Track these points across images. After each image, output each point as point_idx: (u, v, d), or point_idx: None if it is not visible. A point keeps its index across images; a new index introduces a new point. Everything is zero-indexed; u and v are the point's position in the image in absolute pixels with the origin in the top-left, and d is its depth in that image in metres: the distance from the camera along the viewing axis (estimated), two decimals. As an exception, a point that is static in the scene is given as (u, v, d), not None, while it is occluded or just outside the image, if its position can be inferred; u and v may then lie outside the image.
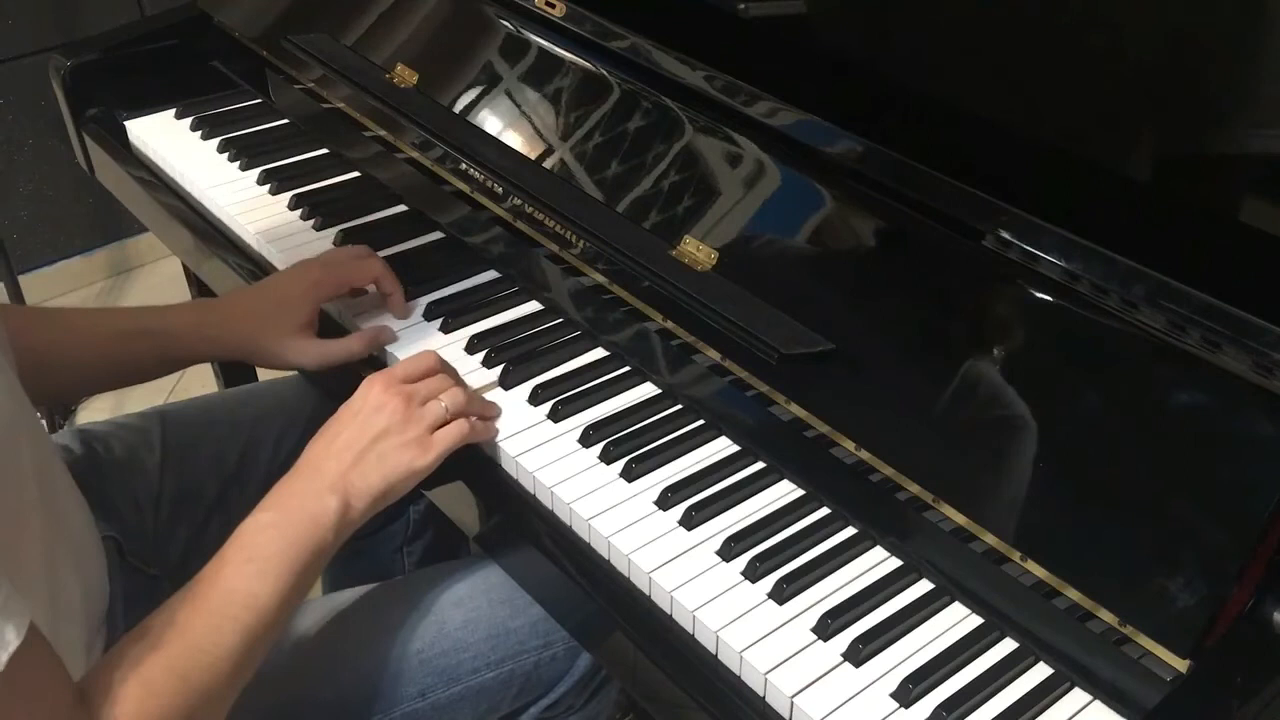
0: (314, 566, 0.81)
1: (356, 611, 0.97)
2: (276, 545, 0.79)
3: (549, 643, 0.98)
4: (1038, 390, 0.79)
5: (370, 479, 0.84)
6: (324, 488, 0.83)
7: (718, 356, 0.94)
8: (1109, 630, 0.73)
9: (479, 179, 1.11)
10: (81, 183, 1.53)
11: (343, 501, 0.82)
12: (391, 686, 0.93)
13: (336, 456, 0.85)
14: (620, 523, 0.86)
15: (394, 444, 0.86)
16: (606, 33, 1.08)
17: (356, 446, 0.85)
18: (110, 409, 2.18)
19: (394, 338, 1.04)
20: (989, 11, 0.90)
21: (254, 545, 0.79)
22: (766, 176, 0.96)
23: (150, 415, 1.11)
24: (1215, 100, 0.80)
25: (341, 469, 0.84)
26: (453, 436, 0.88)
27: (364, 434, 0.86)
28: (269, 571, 0.78)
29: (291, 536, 0.80)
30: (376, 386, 0.88)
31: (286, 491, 0.83)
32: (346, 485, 0.83)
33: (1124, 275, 0.78)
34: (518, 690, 0.98)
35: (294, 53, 1.27)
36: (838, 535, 0.86)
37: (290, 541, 0.79)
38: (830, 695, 0.75)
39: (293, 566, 0.79)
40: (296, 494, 0.83)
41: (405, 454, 0.86)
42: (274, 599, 0.77)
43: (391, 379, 0.89)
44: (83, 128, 1.38)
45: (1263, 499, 0.69)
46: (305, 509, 0.81)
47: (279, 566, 0.78)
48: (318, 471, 0.84)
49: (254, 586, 0.77)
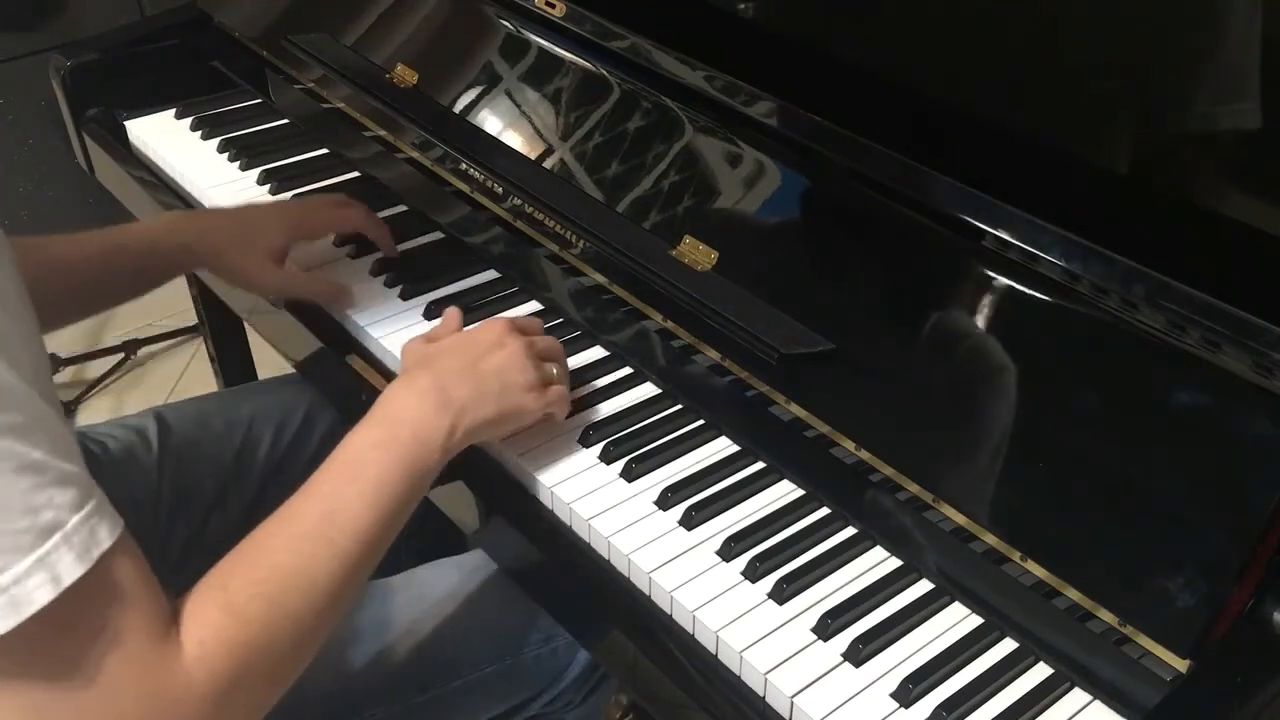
0: (417, 490, 0.78)
1: (357, 606, 0.97)
2: (382, 466, 0.76)
3: (549, 637, 0.98)
4: (1037, 390, 0.79)
5: (485, 408, 0.82)
6: (436, 406, 0.80)
7: (718, 356, 0.94)
8: (1109, 630, 0.73)
9: (479, 179, 1.11)
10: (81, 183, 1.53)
11: (453, 421, 0.80)
12: (392, 681, 0.93)
13: (454, 376, 0.82)
14: (620, 523, 0.86)
15: (515, 380, 0.85)
16: (606, 33, 1.08)
17: (477, 370, 0.83)
18: (109, 409, 2.19)
19: (352, 301, 1.06)
20: (989, 11, 0.90)
21: (359, 464, 0.76)
22: (766, 176, 0.96)
23: (148, 415, 1.11)
24: (1216, 100, 0.80)
25: (457, 390, 0.81)
26: (557, 397, 0.88)
27: (486, 363, 0.84)
28: (370, 493, 0.75)
29: (397, 456, 0.77)
30: (498, 325, 0.88)
31: (396, 406, 0.80)
32: (461, 406, 0.81)
33: (1124, 275, 0.78)
34: (517, 685, 0.98)
35: (294, 53, 1.27)
36: (838, 535, 0.86)
37: (396, 461, 0.77)
38: (830, 695, 0.75)
39: (396, 489, 0.76)
40: (406, 410, 0.80)
41: (523, 394, 0.85)
42: (375, 523, 0.74)
43: (512, 324, 0.88)
44: (83, 128, 1.38)
45: (1263, 499, 0.69)
46: (414, 427, 0.79)
47: (382, 489, 0.75)
48: (431, 388, 0.81)
49: (355, 509, 0.74)
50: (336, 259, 1.14)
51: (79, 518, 0.60)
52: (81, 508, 0.60)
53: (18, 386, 0.58)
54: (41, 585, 0.57)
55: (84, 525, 0.60)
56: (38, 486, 0.58)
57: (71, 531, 0.59)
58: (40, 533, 0.58)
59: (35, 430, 0.59)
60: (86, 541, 0.60)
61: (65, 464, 0.60)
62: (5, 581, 0.56)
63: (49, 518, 0.58)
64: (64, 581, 0.58)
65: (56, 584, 0.58)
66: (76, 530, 0.59)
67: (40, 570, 0.58)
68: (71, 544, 0.59)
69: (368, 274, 1.11)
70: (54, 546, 0.58)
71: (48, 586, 0.58)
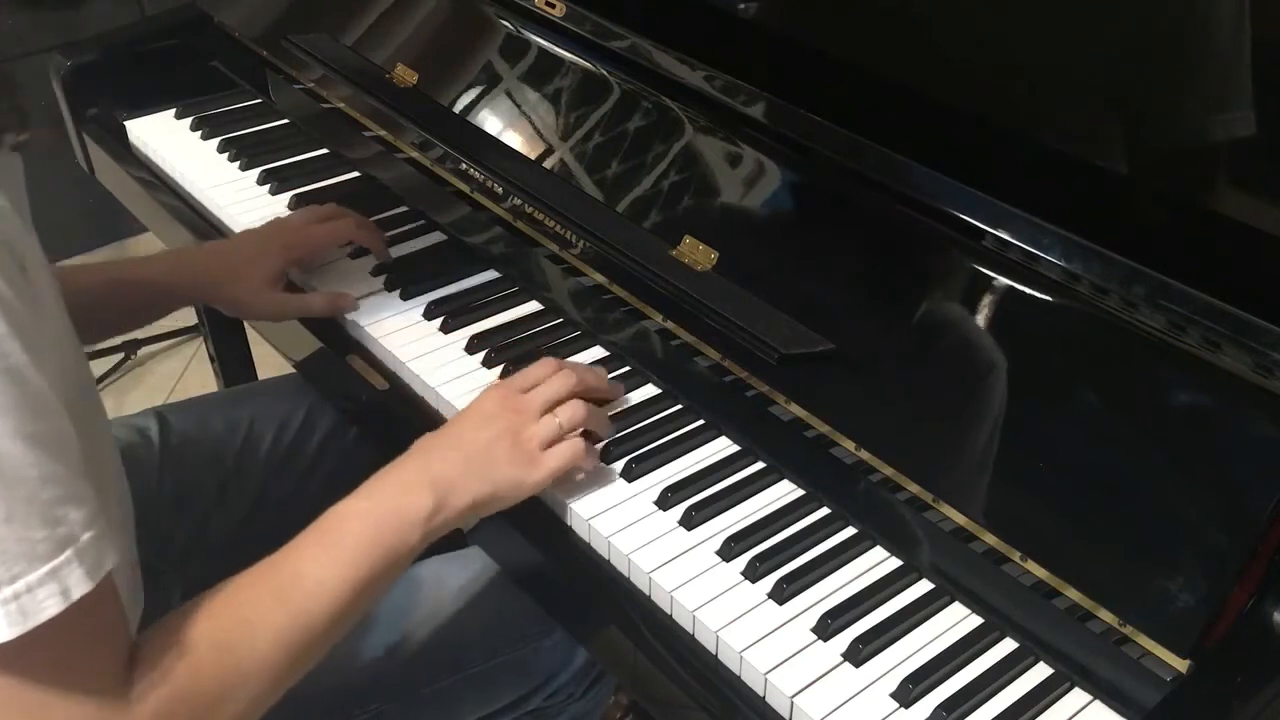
0: (394, 565, 0.77)
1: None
2: (358, 535, 0.76)
3: (548, 632, 0.98)
4: (1037, 390, 0.79)
5: (473, 484, 0.81)
6: (422, 483, 0.79)
7: (718, 356, 0.94)
8: (1109, 630, 0.73)
9: (479, 179, 1.11)
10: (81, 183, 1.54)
11: (438, 501, 0.79)
12: (393, 676, 0.94)
13: (443, 454, 0.82)
14: (620, 523, 0.86)
15: (504, 454, 0.83)
16: (606, 33, 1.08)
17: (467, 449, 0.82)
18: (109, 409, 2.18)
19: (354, 305, 1.07)
20: (990, 11, 0.90)
21: (335, 531, 0.76)
22: (766, 176, 0.96)
23: (149, 415, 1.12)
24: (1216, 99, 0.80)
25: (445, 468, 0.81)
26: (564, 458, 0.85)
27: (476, 438, 0.83)
28: (344, 561, 0.74)
29: (375, 528, 0.76)
30: (491, 397, 0.86)
31: (385, 480, 0.80)
32: (448, 486, 0.80)
33: (1124, 275, 0.78)
34: (517, 680, 0.98)
35: (294, 53, 1.27)
36: (838, 535, 0.86)
37: (373, 533, 0.76)
38: (830, 695, 0.75)
39: (370, 560, 0.75)
40: (392, 484, 0.80)
41: (514, 468, 0.83)
42: (345, 593, 0.73)
43: (506, 390, 0.87)
44: (83, 128, 1.38)
45: (1263, 499, 0.69)
46: (397, 502, 0.78)
47: (356, 558, 0.74)
48: (420, 466, 0.81)
49: (324, 574, 0.73)
50: (336, 259, 1.14)
51: (90, 535, 0.60)
52: (92, 526, 0.60)
53: (49, 397, 0.59)
54: (51, 596, 0.58)
55: (94, 544, 0.60)
56: (58, 499, 0.58)
57: (84, 547, 0.59)
58: (56, 544, 0.58)
59: (62, 443, 0.59)
60: (96, 560, 0.60)
61: (82, 481, 0.60)
62: (20, 588, 0.57)
63: (64, 531, 0.59)
64: (72, 595, 0.59)
65: (65, 597, 0.58)
66: (88, 547, 0.60)
67: (52, 581, 0.58)
68: (83, 560, 0.59)
69: (368, 274, 1.12)
70: (67, 560, 0.59)
71: (57, 599, 0.58)
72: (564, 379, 0.89)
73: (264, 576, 0.73)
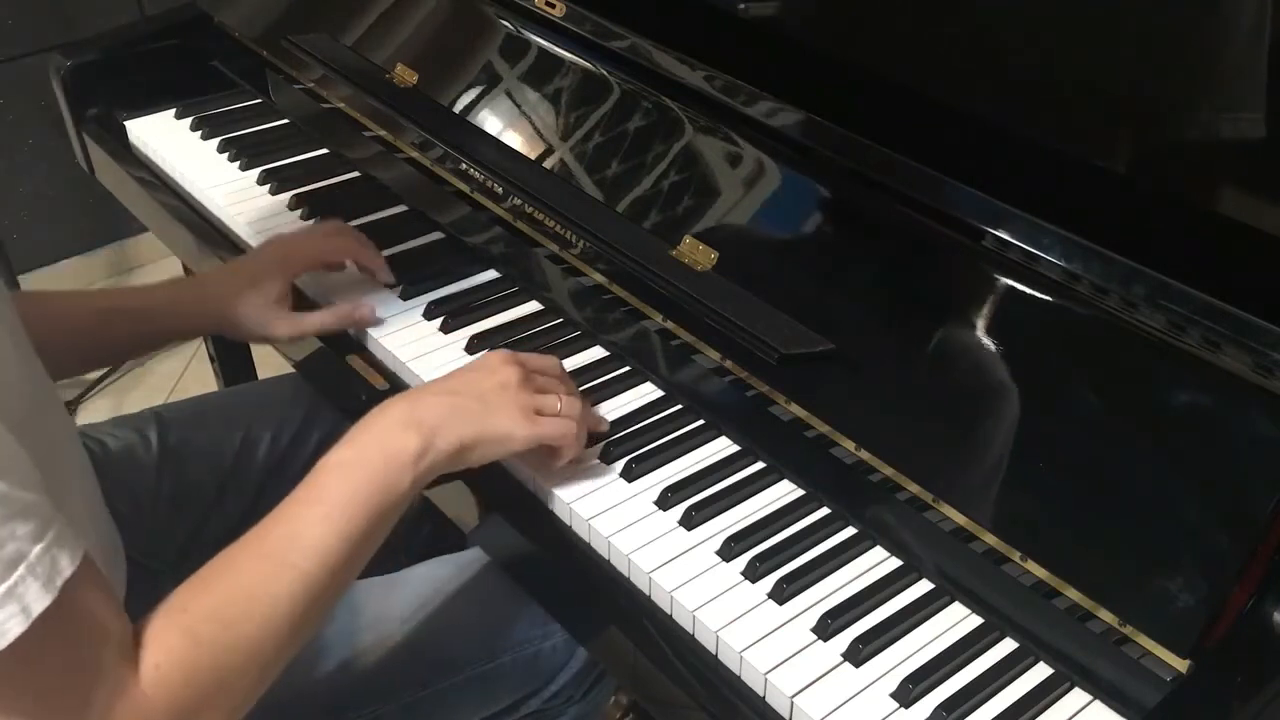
0: (387, 513, 0.75)
1: (356, 604, 0.97)
2: (347, 486, 0.74)
3: (548, 634, 0.98)
4: (1037, 390, 0.79)
5: (461, 427, 0.79)
6: (406, 422, 0.78)
7: (718, 356, 0.94)
8: (1109, 630, 0.73)
9: (479, 179, 1.11)
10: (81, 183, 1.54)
11: (424, 442, 0.77)
12: (391, 678, 0.93)
13: (432, 397, 0.80)
14: (620, 523, 0.86)
15: (498, 402, 0.81)
16: (606, 33, 1.08)
17: (459, 393, 0.81)
18: (109, 409, 2.19)
19: (372, 317, 1.05)
20: (990, 11, 0.90)
21: (323, 485, 0.74)
22: (766, 176, 0.96)
23: (148, 415, 1.11)
24: (1216, 99, 0.80)
25: (432, 409, 0.79)
26: (556, 429, 0.84)
27: (470, 386, 0.82)
28: (334, 515, 0.73)
29: (364, 477, 0.75)
30: (496, 354, 0.85)
31: (368, 427, 0.78)
32: (433, 425, 0.78)
33: (1124, 275, 0.78)
34: (517, 681, 0.98)
35: (294, 53, 1.27)
36: (838, 535, 0.86)
37: (362, 482, 0.74)
38: (830, 695, 0.75)
39: (363, 510, 0.73)
40: (376, 429, 0.78)
41: (506, 416, 0.81)
42: (340, 546, 0.72)
43: (513, 355, 0.86)
44: (83, 128, 1.38)
45: (1263, 499, 0.69)
46: (382, 446, 0.76)
47: (347, 510, 0.73)
48: (408, 407, 0.79)
49: (317, 531, 0.72)
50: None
51: (40, 548, 0.60)
52: (42, 538, 0.60)
53: None
54: (12, 617, 0.58)
55: (46, 555, 0.60)
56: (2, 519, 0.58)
57: (35, 562, 0.59)
58: (5, 566, 0.58)
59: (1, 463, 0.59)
60: (49, 571, 0.60)
61: (26, 494, 0.60)
62: None
63: (11, 550, 0.58)
64: (33, 612, 0.58)
65: (26, 615, 0.58)
66: (39, 560, 0.59)
67: (10, 603, 0.58)
68: (36, 574, 0.59)
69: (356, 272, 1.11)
70: (20, 579, 0.58)
71: (18, 618, 0.58)
72: (570, 383, 0.90)
73: (256, 544, 0.72)
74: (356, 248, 1.09)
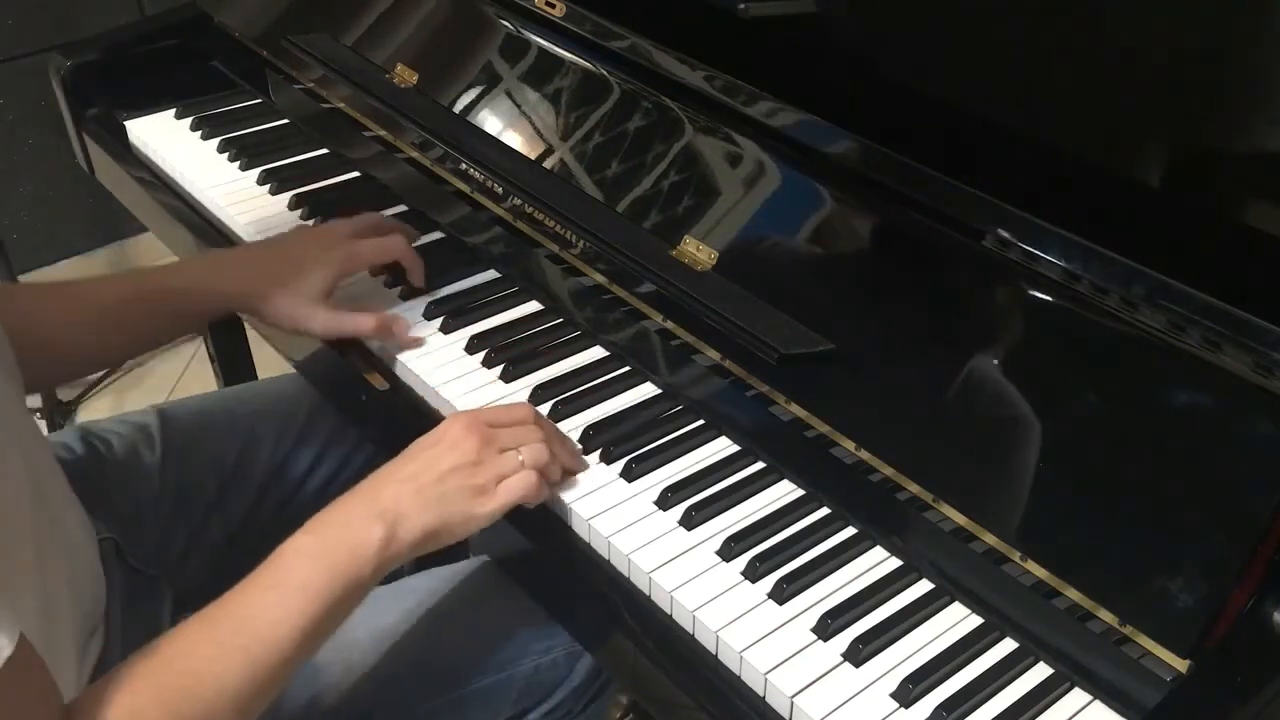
0: (344, 602, 0.75)
1: (356, 615, 0.97)
2: (305, 574, 0.73)
3: (549, 647, 0.98)
4: (1037, 390, 0.79)
5: (424, 516, 0.79)
6: (372, 514, 0.77)
7: (718, 356, 0.94)
8: (1109, 630, 0.73)
9: (479, 179, 1.11)
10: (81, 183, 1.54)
11: (388, 533, 0.76)
12: (392, 691, 0.93)
13: (395, 485, 0.79)
14: (620, 523, 0.86)
15: (457, 485, 0.80)
16: (606, 33, 1.08)
17: (419, 479, 0.80)
18: (110, 408, 2.19)
19: (407, 337, 1.02)
20: (990, 11, 0.90)
21: (282, 570, 0.74)
22: (766, 176, 0.96)
23: (150, 414, 1.11)
24: (1215, 99, 0.80)
25: (396, 498, 0.78)
26: (516, 490, 0.82)
27: (430, 469, 0.80)
28: (291, 601, 0.72)
29: (324, 566, 0.74)
30: (457, 424, 0.83)
31: (333, 513, 0.78)
32: (397, 516, 0.77)
33: (1124, 275, 0.78)
34: (518, 695, 0.97)
35: (294, 53, 1.27)
36: (838, 535, 0.86)
37: (322, 571, 0.74)
38: (830, 695, 0.75)
39: (320, 599, 0.73)
40: (341, 518, 0.77)
41: (466, 499, 0.80)
42: (292, 633, 0.71)
43: (475, 419, 0.84)
44: (83, 128, 1.38)
45: (1263, 499, 0.69)
46: (346, 536, 0.76)
47: (304, 598, 0.72)
48: (371, 498, 0.79)
49: (271, 616, 0.71)
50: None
51: None
52: None
53: None
54: None
55: None
56: None
57: None
58: None
59: None
60: None
61: None
62: None
63: None
64: None
65: None
66: None
67: None
68: None
69: (367, 275, 1.11)
70: None
71: None
72: (535, 431, 0.86)
73: (208, 625, 0.71)
74: (408, 248, 1.06)
